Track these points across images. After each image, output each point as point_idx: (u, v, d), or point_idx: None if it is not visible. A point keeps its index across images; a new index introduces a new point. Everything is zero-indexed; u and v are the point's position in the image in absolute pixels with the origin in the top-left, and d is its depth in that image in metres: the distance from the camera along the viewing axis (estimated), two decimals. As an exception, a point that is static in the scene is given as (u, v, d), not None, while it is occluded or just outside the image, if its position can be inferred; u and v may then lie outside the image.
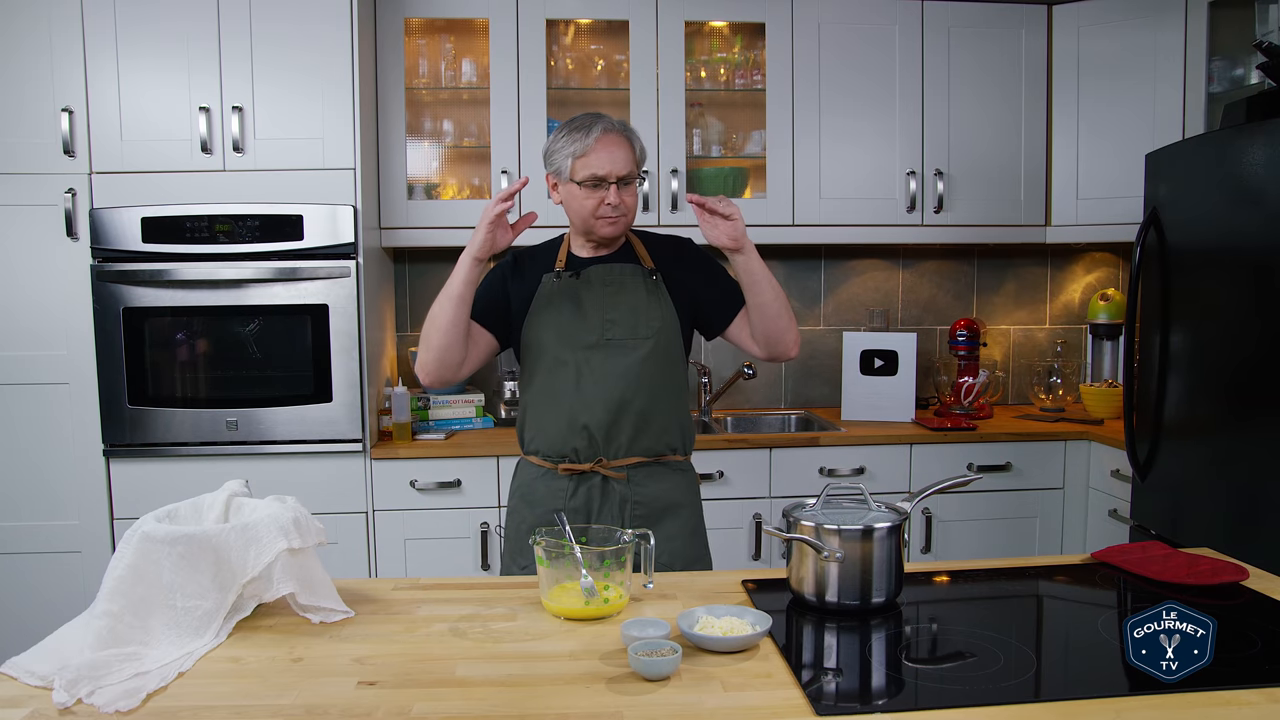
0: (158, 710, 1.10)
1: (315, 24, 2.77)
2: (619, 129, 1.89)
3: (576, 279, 1.94)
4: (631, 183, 1.90)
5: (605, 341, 1.92)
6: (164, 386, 2.79)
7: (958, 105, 3.25)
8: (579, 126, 1.87)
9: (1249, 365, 2.30)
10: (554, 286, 1.95)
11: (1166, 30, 3.07)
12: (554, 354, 1.93)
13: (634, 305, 1.94)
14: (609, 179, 1.86)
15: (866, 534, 1.40)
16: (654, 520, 1.92)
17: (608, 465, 1.92)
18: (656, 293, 1.96)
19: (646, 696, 1.12)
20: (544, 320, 1.94)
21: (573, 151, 1.86)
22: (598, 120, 1.88)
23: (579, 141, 1.85)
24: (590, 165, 1.85)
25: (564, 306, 1.93)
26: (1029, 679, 1.18)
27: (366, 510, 2.85)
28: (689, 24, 3.16)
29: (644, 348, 1.92)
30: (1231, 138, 2.37)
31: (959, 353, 3.42)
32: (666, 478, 1.97)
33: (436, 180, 3.30)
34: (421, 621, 1.38)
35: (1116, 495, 2.95)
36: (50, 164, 2.73)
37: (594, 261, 1.98)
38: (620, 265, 1.97)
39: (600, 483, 1.93)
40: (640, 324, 1.93)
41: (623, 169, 1.86)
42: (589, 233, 1.94)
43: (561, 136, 1.89)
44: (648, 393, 1.91)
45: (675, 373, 1.98)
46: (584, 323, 1.92)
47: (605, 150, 1.85)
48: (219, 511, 1.44)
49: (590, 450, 1.92)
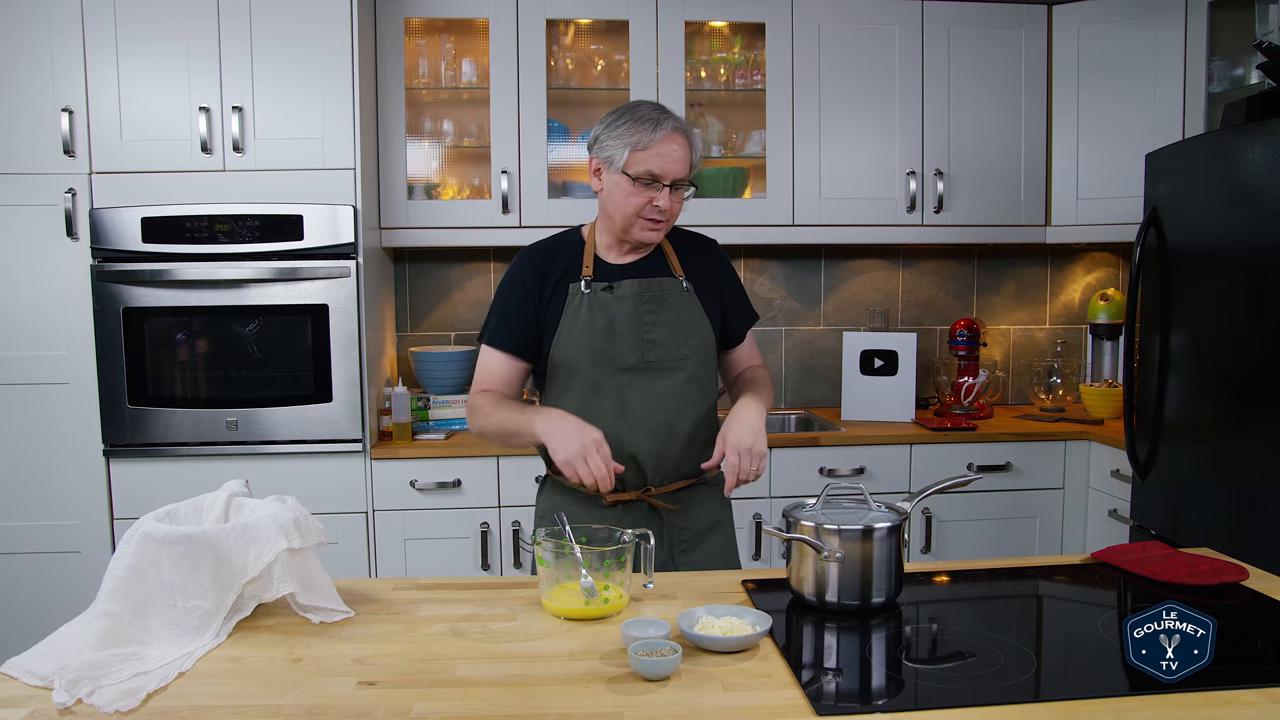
0: (158, 710, 1.10)
1: (315, 24, 2.77)
2: (685, 130, 1.76)
3: (610, 293, 1.80)
4: (682, 189, 1.77)
5: (645, 364, 1.80)
6: (164, 386, 2.79)
7: (958, 105, 3.25)
8: (646, 117, 1.73)
9: (1249, 365, 2.30)
10: (583, 299, 1.80)
11: (1166, 30, 3.07)
12: (590, 378, 1.80)
13: (674, 323, 1.82)
14: (664, 179, 1.73)
15: (866, 534, 1.39)
16: (697, 543, 1.86)
17: (655, 493, 1.83)
18: (693, 306, 1.85)
19: (646, 696, 1.12)
20: (575, 339, 1.79)
21: (633, 142, 1.71)
22: (667, 116, 1.74)
23: (644, 133, 1.71)
24: (649, 161, 1.71)
25: (596, 323, 1.79)
26: (1029, 679, 1.18)
27: (366, 510, 2.85)
28: (689, 24, 3.16)
29: (686, 368, 1.82)
30: (1231, 138, 2.37)
31: (959, 353, 3.42)
32: (709, 495, 1.89)
33: (436, 180, 3.30)
34: (421, 621, 1.38)
35: (1116, 495, 2.95)
36: (50, 164, 2.73)
37: (625, 270, 1.84)
38: (657, 280, 1.83)
39: (647, 510, 1.84)
40: (681, 343, 1.82)
41: (680, 172, 1.74)
42: (625, 232, 1.80)
43: (622, 123, 1.73)
44: (693, 415, 1.82)
45: (712, 388, 1.88)
46: (621, 344, 1.79)
47: (669, 148, 1.72)
48: (219, 511, 1.44)
49: (637, 479, 1.82)
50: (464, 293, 3.45)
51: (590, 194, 3.23)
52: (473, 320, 3.44)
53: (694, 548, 1.85)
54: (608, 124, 1.76)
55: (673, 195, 1.75)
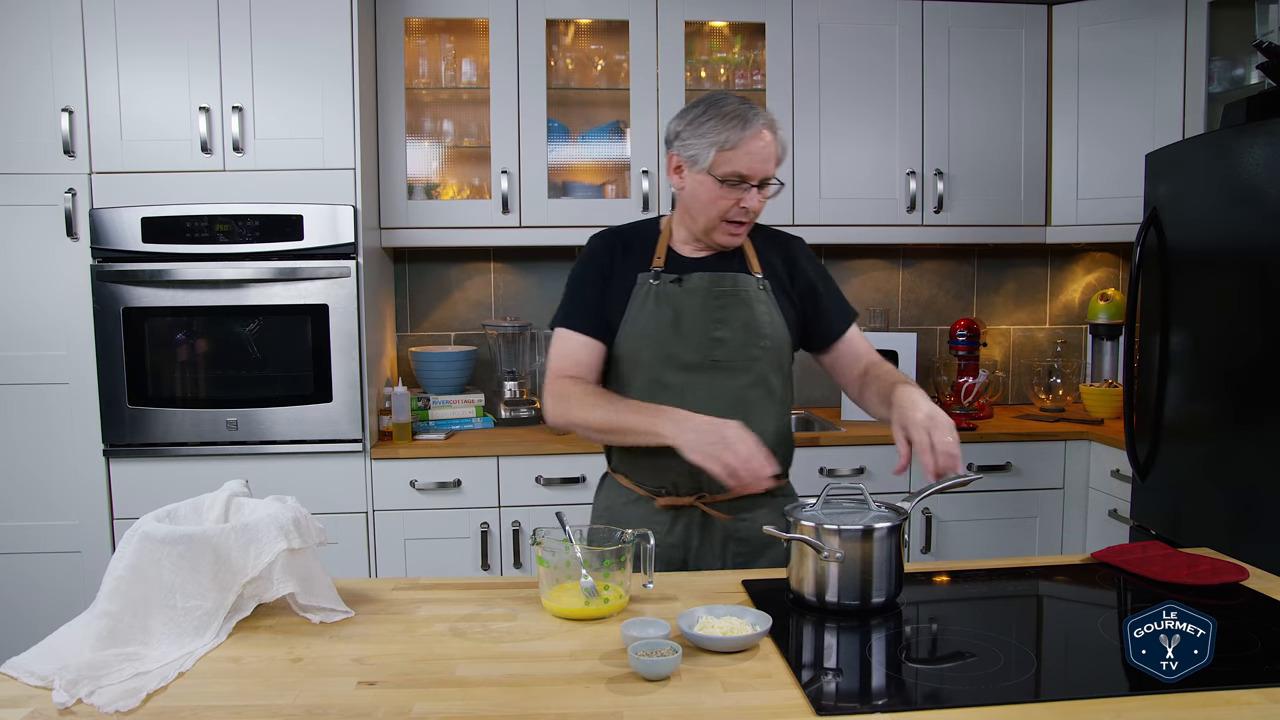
0: (158, 710, 1.10)
1: (315, 24, 2.77)
2: (773, 124, 1.66)
3: (679, 285, 1.72)
4: (768, 186, 1.68)
5: (710, 364, 1.71)
6: (164, 386, 2.79)
7: (958, 105, 3.25)
8: (734, 115, 1.63)
9: (1249, 365, 2.30)
10: (650, 290, 1.73)
11: (1166, 30, 3.07)
12: (652, 374, 1.72)
13: (744, 322, 1.73)
14: (752, 180, 1.64)
15: (866, 534, 1.39)
16: (755, 557, 1.76)
17: (710, 500, 1.74)
18: (768, 304, 1.75)
19: (646, 696, 1.12)
20: (640, 331, 1.72)
21: (720, 141, 1.62)
22: (755, 112, 1.64)
23: (732, 131, 1.62)
24: (738, 161, 1.63)
25: (662, 316, 1.71)
26: (1029, 679, 1.18)
27: (366, 510, 2.85)
28: (689, 24, 3.16)
29: (754, 370, 1.73)
30: (1231, 138, 2.37)
31: (959, 353, 3.42)
32: (771, 508, 1.77)
33: (436, 180, 3.30)
34: (421, 621, 1.38)
35: (1116, 495, 2.95)
36: (50, 164, 2.73)
37: (697, 264, 1.76)
38: (729, 275, 1.74)
39: (700, 518, 1.75)
40: (750, 343, 1.72)
41: (769, 170, 1.66)
42: (706, 234, 1.72)
43: (707, 120, 1.64)
44: (757, 420, 1.67)
45: (785, 395, 1.80)
46: (686, 340, 1.71)
47: (757, 146, 1.63)
48: (219, 511, 1.44)
49: (692, 485, 1.73)
50: (464, 293, 3.45)
51: (590, 194, 3.24)
52: (473, 320, 3.44)
53: (750, 561, 1.77)
54: (690, 120, 1.67)
55: (759, 194, 1.67)
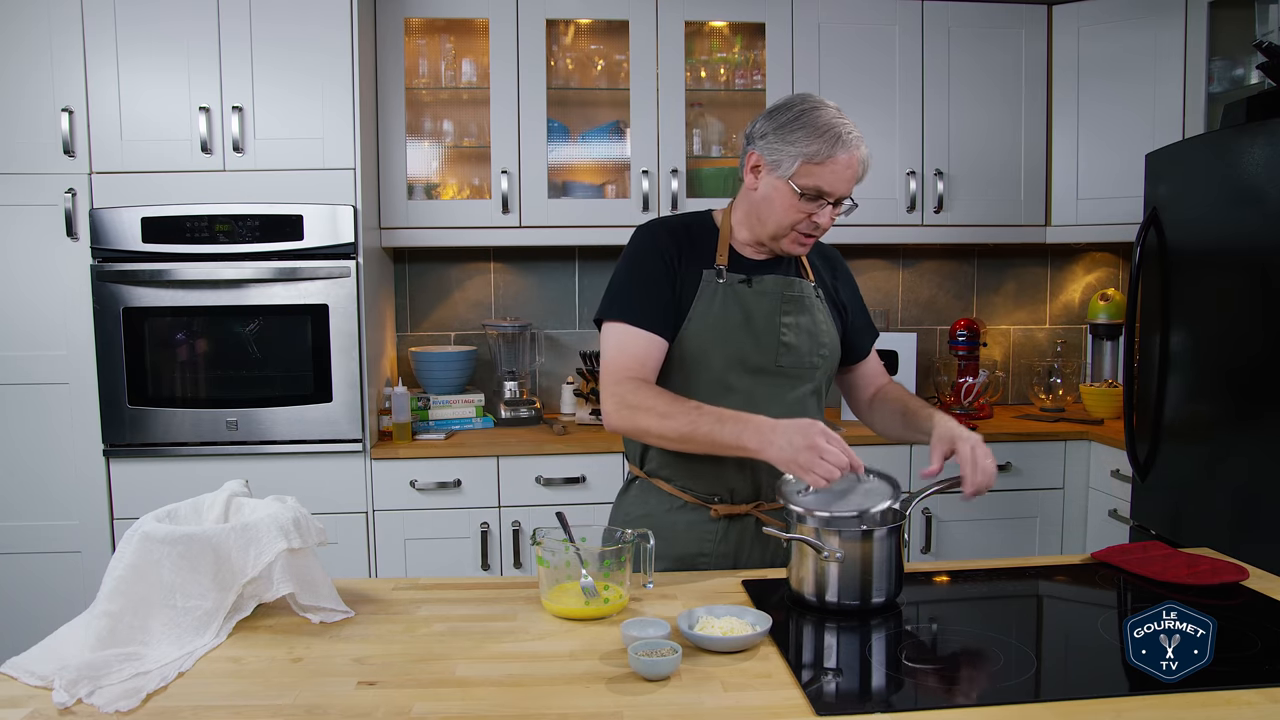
0: (158, 710, 1.10)
1: (315, 24, 2.77)
2: (861, 145, 1.61)
3: (749, 286, 1.68)
4: (842, 204, 1.64)
5: (776, 368, 1.68)
6: (164, 386, 2.79)
7: (958, 105, 3.25)
8: (828, 129, 1.57)
9: (1249, 365, 2.30)
10: (718, 289, 1.68)
11: (1166, 30, 3.07)
12: (718, 376, 1.67)
13: (810, 327, 1.71)
14: (830, 197, 1.60)
15: (866, 534, 1.40)
16: None
17: (766, 508, 1.71)
18: (824, 313, 1.75)
19: (646, 696, 1.12)
20: (708, 330, 1.66)
21: (809, 154, 1.57)
22: (849, 130, 1.59)
23: (823, 145, 1.57)
24: (822, 177, 1.58)
25: (731, 317, 1.67)
26: (1029, 679, 1.18)
27: (366, 510, 2.85)
28: (689, 24, 3.16)
29: (813, 379, 1.72)
30: (1231, 138, 2.37)
31: (959, 353, 3.42)
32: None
33: (436, 180, 3.30)
34: (421, 621, 1.38)
35: (1116, 495, 2.95)
36: (50, 164, 2.73)
37: (759, 266, 1.72)
38: (796, 280, 1.72)
39: (754, 526, 1.71)
40: (813, 349, 1.71)
41: (848, 191, 1.62)
42: (774, 241, 1.67)
43: (799, 128, 1.58)
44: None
45: (822, 409, 1.78)
46: (756, 343, 1.67)
47: (846, 168, 1.59)
48: (219, 512, 1.44)
49: (751, 492, 1.70)
50: (464, 293, 3.45)
51: (590, 194, 3.24)
52: (473, 320, 3.44)
53: None
54: (780, 124, 1.61)
55: (833, 210, 1.63)
